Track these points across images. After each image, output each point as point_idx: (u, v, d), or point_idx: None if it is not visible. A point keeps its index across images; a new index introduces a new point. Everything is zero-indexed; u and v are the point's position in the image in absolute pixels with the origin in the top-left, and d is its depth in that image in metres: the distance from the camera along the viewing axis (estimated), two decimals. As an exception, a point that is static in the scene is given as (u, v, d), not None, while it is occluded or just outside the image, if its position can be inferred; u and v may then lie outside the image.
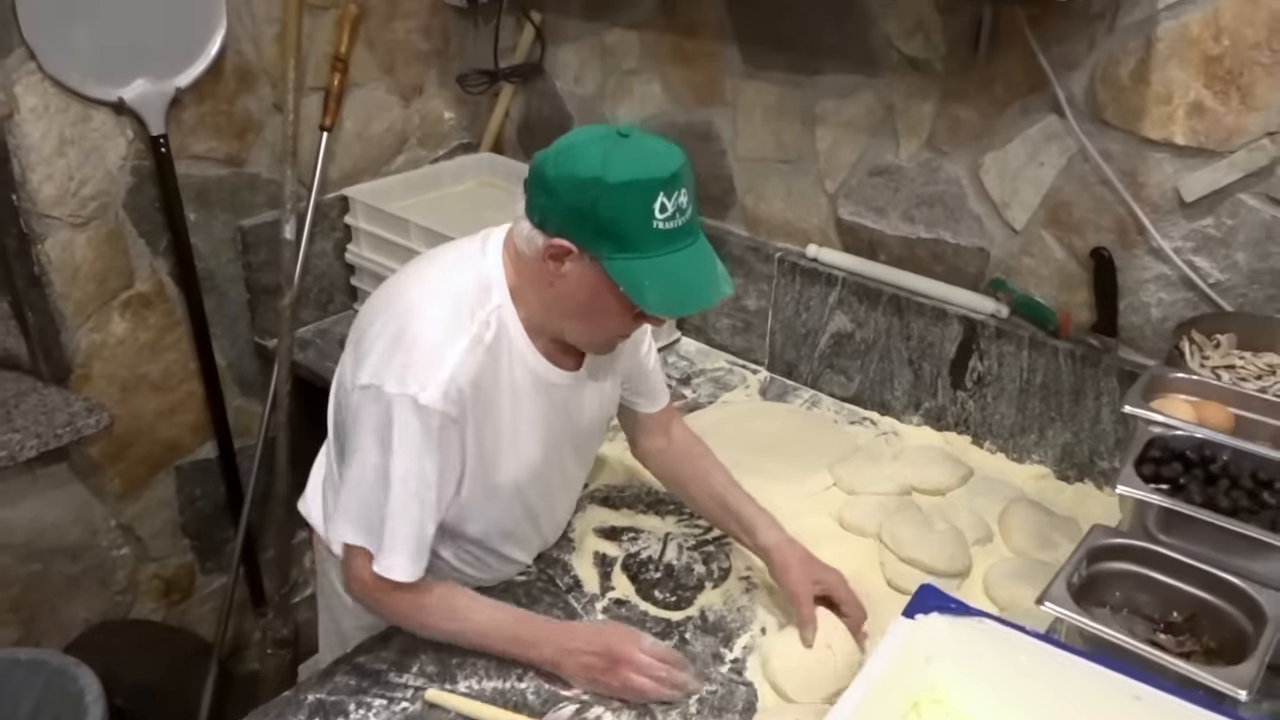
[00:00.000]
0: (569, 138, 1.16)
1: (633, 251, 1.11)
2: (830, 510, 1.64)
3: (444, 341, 1.17)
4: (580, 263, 1.14)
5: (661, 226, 1.11)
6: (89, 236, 1.80)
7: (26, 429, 1.67)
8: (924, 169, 1.77)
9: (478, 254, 1.26)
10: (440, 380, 1.15)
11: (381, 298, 1.27)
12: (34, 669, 1.78)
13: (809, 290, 1.94)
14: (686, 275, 1.15)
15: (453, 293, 1.21)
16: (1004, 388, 1.74)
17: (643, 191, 1.09)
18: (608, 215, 1.10)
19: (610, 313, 1.19)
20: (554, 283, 1.18)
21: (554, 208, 1.13)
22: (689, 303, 1.21)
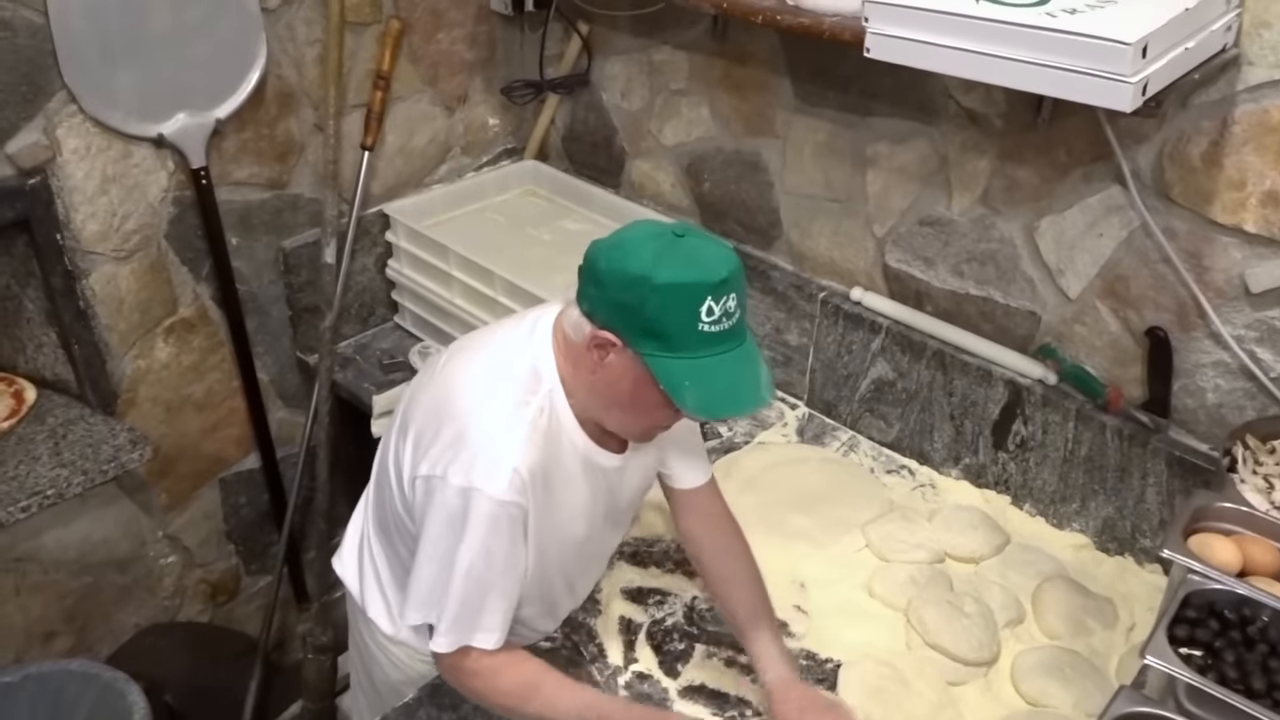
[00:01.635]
0: (625, 232, 1.18)
1: (676, 351, 1.12)
2: (860, 579, 1.62)
3: (504, 434, 1.19)
4: (623, 356, 1.15)
5: (707, 329, 1.11)
6: (132, 269, 1.81)
7: (73, 464, 1.71)
8: (976, 225, 1.70)
9: (525, 339, 1.26)
10: (504, 472, 1.17)
11: (432, 394, 1.27)
12: (86, 681, 1.86)
13: (851, 334, 1.89)
14: (728, 379, 1.15)
15: (506, 384, 1.23)
16: (1047, 455, 1.69)
17: (690, 294, 1.09)
18: (653, 314, 1.10)
19: (650, 406, 1.19)
20: (596, 371, 1.19)
21: (602, 300, 1.14)
22: (727, 407, 1.20)
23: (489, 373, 1.25)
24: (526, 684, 1.29)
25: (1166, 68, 1.18)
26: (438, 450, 1.20)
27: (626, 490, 1.40)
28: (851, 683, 1.43)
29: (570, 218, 2.25)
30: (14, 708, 1.81)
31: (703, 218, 2.14)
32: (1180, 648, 1.04)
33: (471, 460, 1.18)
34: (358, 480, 2.36)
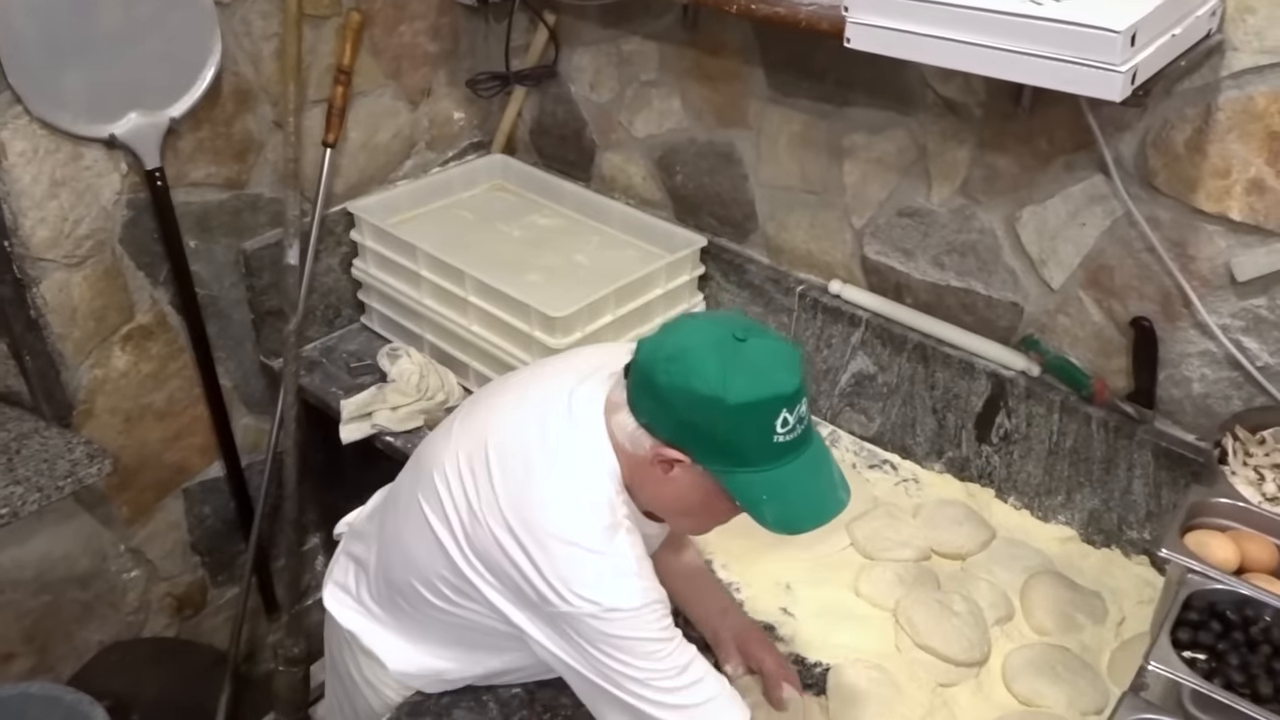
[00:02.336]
0: (680, 337, 1.08)
1: (750, 466, 1.07)
2: (847, 579, 1.59)
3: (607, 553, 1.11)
4: (692, 471, 1.10)
5: (781, 440, 1.06)
6: (85, 275, 1.73)
7: (29, 480, 1.64)
8: (956, 215, 1.67)
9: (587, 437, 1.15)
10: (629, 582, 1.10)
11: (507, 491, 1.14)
12: (49, 704, 1.79)
13: (830, 328, 1.86)
14: (805, 487, 1.10)
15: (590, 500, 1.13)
16: (1032, 447, 1.67)
17: (766, 411, 1.04)
18: (726, 435, 1.05)
19: (719, 514, 1.17)
20: (663, 483, 1.13)
21: (666, 417, 1.08)
22: (807, 518, 1.12)
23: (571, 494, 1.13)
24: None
25: (1154, 55, 1.16)
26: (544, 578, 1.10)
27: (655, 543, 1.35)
28: (841, 686, 1.41)
29: (540, 213, 2.20)
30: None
31: (676, 211, 2.10)
32: (1183, 651, 1.02)
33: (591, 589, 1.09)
34: (326, 486, 2.33)
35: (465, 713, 1.38)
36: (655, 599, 1.13)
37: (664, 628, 1.13)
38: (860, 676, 1.42)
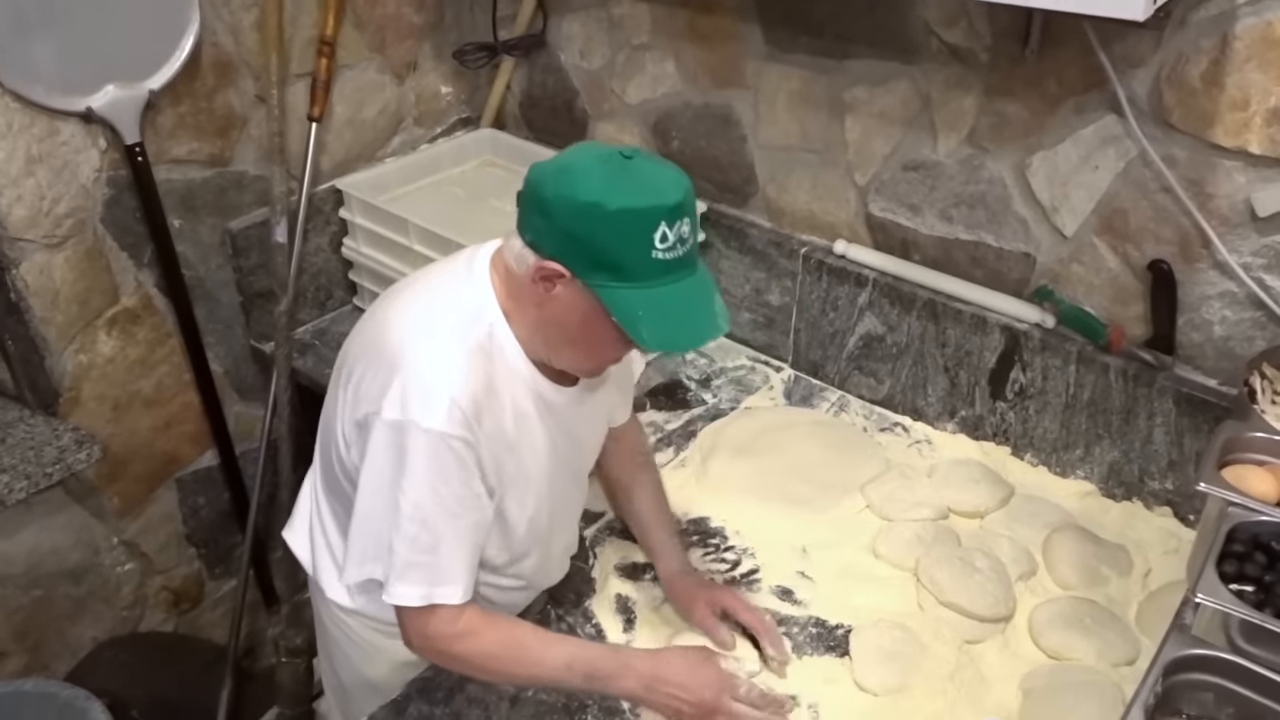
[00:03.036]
0: (569, 156, 1.11)
1: (629, 281, 1.06)
2: (865, 541, 1.55)
3: (441, 365, 1.12)
4: (572, 288, 1.08)
5: (661, 257, 1.05)
6: (67, 256, 1.68)
7: (15, 468, 1.58)
8: (964, 166, 1.63)
9: (463, 277, 1.19)
10: (442, 403, 1.09)
11: (367, 336, 1.20)
12: (43, 701, 1.73)
13: (836, 290, 1.82)
14: (683, 309, 1.09)
15: (443, 320, 1.16)
16: (1048, 401, 1.63)
17: (644, 220, 1.03)
18: (605, 244, 1.04)
19: (602, 340, 1.13)
20: (544, 304, 1.12)
21: (549, 230, 1.07)
22: (684, 339, 1.15)
23: (424, 309, 1.18)
24: (512, 642, 1.21)
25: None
26: (372, 388, 1.13)
27: (586, 433, 1.34)
28: (866, 647, 1.36)
29: None
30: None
31: (673, 178, 2.04)
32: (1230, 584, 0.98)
33: (406, 393, 1.10)
34: (324, 473, 2.27)
35: (478, 688, 1.33)
36: (461, 436, 1.10)
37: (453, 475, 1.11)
38: (884, 636, 1.37)
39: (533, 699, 1.31)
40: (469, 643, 1.19)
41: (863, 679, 1.33)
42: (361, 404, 1.14)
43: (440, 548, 1.14)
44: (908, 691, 1.31)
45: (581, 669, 1.21)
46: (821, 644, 1.39)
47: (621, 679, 1.21)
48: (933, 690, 1.30)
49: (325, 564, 1.33)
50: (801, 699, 1.31)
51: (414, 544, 1.13)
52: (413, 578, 1.14)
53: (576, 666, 1.21)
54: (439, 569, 1.15)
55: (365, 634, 1.35)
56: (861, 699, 1.32)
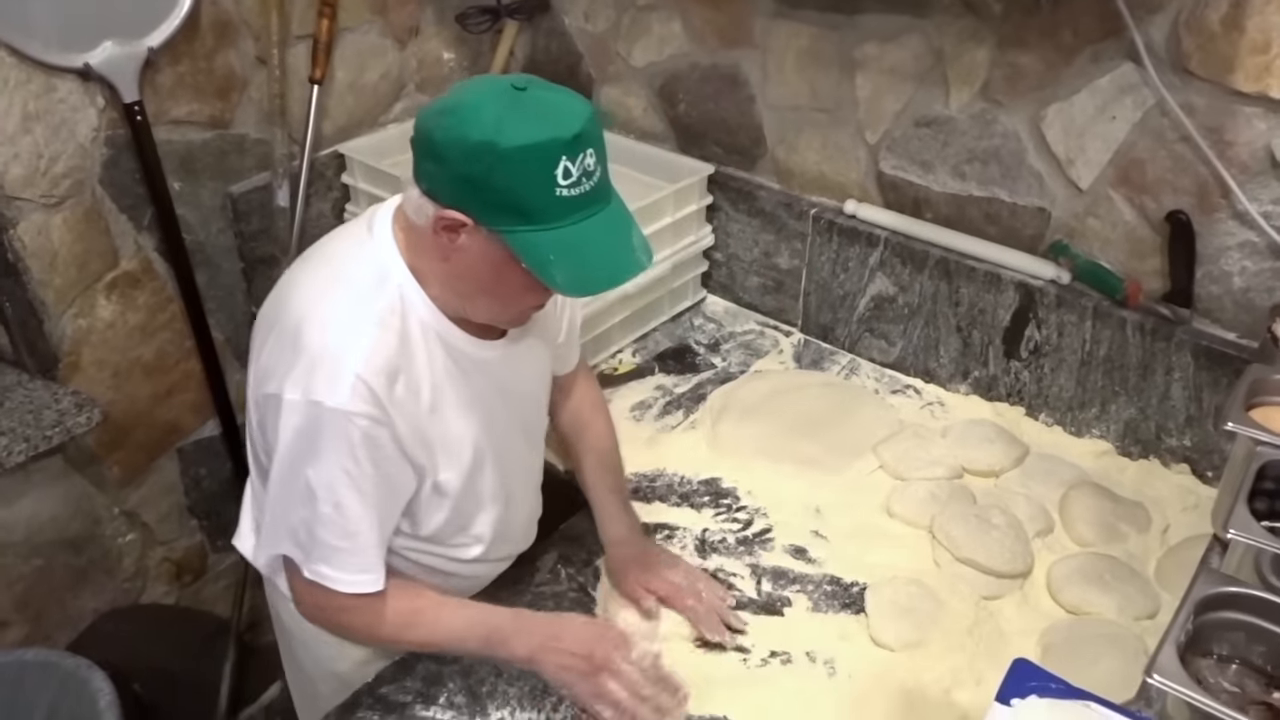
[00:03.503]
0: (458, 94, 1.02)
1: (535, 223, 0.99)
2: (878, 501, 1.53)
3: (344, 338, 1.06)
4: (477, 236, 1.02)
5: (566, 194, 0.98)
6: (65, 217, 1.65)
7: (13, 431, 1.56)
8: (977, 121, 1.60)
9: (364, 237, 1.13)
10: (346, 382, 1.04)
11: (271, 307, 1.14)
12: (44, 671, 1.71)
13: (847, 250, 1.79)
14: (597, 247, 1.03)
15: (345, 287, 1.09)
16: (1063, 359, 1.61)
17: (542, 156, 0.96)
18: (504, 185, 0.97)
19: (514, 289, 1.08)
20: (450, 256, 1.06)
21: (444, 176, 1.00)
22: (600, 279, 1.06)
23: (326, 277, 1.12)
24: (408, 610, 1.17)
25: (1199, -93, 1.09)
26: (276, 365, 1.07)
27: (523, 385, 1.29)
28: (881, 603, 1.34)
29: None
30: (-35, 705, 1.66)
31: (679, 142, 2.02)
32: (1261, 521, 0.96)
33: (309, 371, 1.04)
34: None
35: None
36: (368, 414, 1.05)
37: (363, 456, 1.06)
38: (900, 592, 1.35)
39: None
40: (366, 615, 1.15)
41: (879, 634, 1.31)
42: (266, 381, 1.09)
43: (359, 533, 1.10)
44: (925, 646, 1.29)
45: (480, 631, 1.17)
46: (836, 601, 1.37)
47: (518, 640, 1.16)
48: (951, 645, 1.28)
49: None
50: (817, 655, 1.29)
51: (331, 527, 1.09)
52: (336, 561, 1.11)
53: (475, 629, 1.18)
54: (358, 554, 1.11)
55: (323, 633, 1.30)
56: (878, 654, 1.29)
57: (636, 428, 1.69)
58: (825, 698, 1.23)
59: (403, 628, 1.17)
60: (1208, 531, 1.35)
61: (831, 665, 1.28)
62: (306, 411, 1.04)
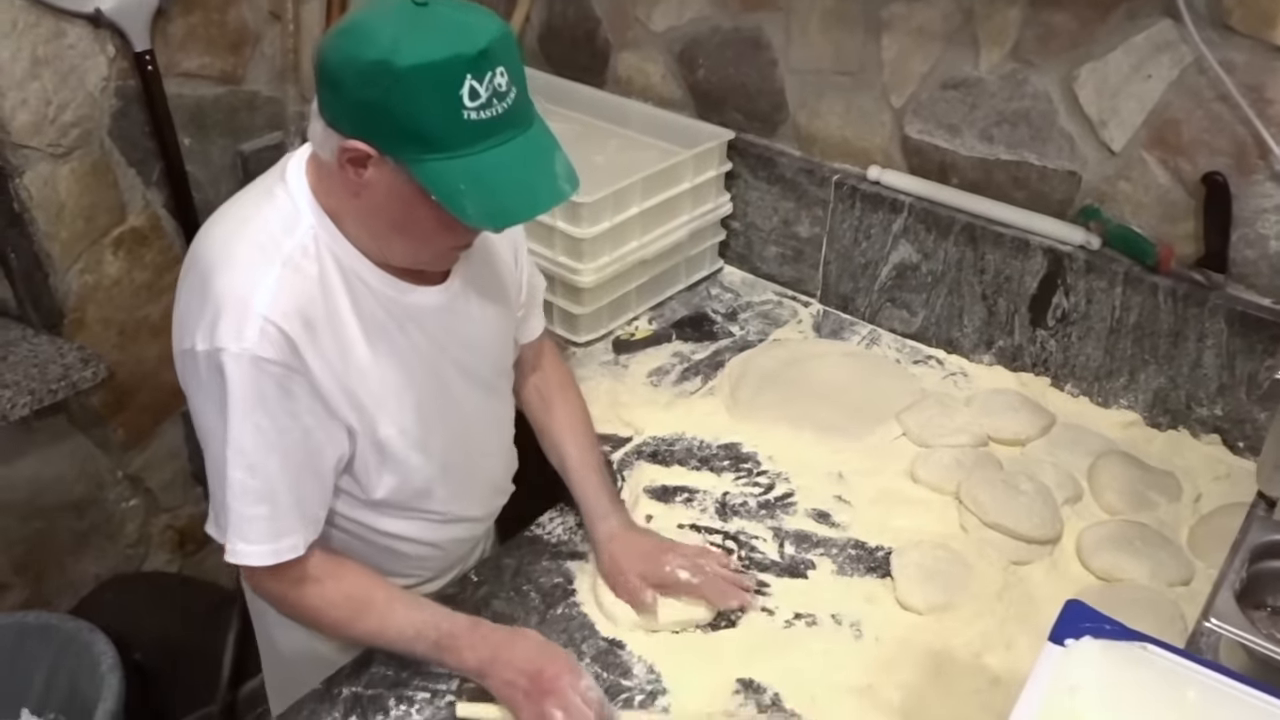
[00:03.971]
0: (356, 13, 0.95)
1: (442, 151, 0.92)
2: (902, 467, 1.49)
3: (248, 281, 0.98)
4: (383, 168, 0.95)
5: (474, 117, 0.91)
6: (72, 168, 1.61)
7: (18, 384, 1.52)
8: (1007, 82, 1.57)
9: (276, 181, 1.06)
10: (252, 324, 0.97)
11: (185, 263, 1.08)
12: (45, 633, 1.68)
13: (870, 217, 1.76)
14: (512, 175, 0.94)
15: (252, 229, 1.02)
16: (1091, 327, 1.57)
17: (443, 75, 0.89)
18: (404, 109, 0.90)
19: (429, 226, 1.00)
20: (359, 193, 0.99)
21: (343, 103, 0.94)
22: (516, 209, 0.97)
23: (234, 223, 1.05)
24: (357, 598, 1.12)
25: None
26: (185, 319, 1.01)
27: (474, 335, 1.20)
28: (908, 567, 1.31)
29: (553, 119, 2.00)
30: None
31: (699, 109, 1.99)
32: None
33: (214, 318, 0.97)
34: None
35: (503, 603, 1.27)
36: (279, 361, 0.99)
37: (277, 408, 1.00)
38: (927, 556, 1.32)
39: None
40: (311, 591, 1.10)
41: (905, 597, 1.27)
42: (180, 339, 1.03)
43: (276, 495, 1.03)
44: (954, 610, 1.25)
45: (432, 635, 1.11)
46: (861, 565, 1.34)
47: (470, 651, 1.11)
48: (980, 609, 1.25)
49: None
50: (843, 618, 1.26)
51: (245, 493, 1.02)
52: (252, 534, 1.04)
53: (427, 633, 1.12)
54: (278, 520, 1.04)
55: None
56: (905, 617, 1.26)
57: (654, 393, 1.65)
58: (853, 660, 1.20)
59: (352, 616, 1.12)
60: (1242, 500, 1.33)
61: (858, 628, 1.24)
62: (212, 362, 0.98)
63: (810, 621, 1.25)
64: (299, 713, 1.14)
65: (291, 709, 1.14)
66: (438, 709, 1.13)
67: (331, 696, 1.15)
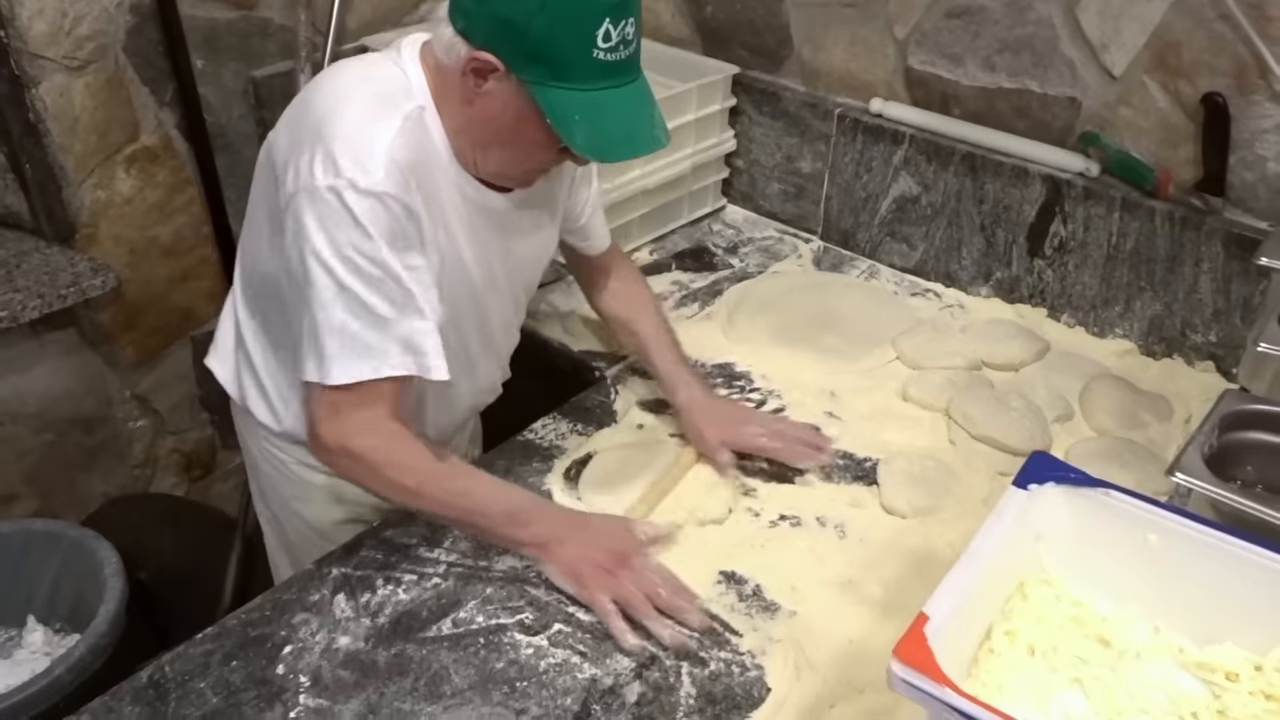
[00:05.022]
0: None
1: (565, 81, 0.99)
2: (894, 387, 1.50)
3: (371, 123, 1.02)
4: (505, 83, 1.02)
5: (602, 57, 0.99)
6: (87, 82, 1.64)
7: (28, 289, 1.56)
8: (1010, 8, 1.57)
9: (392, 59, 1.10)
10: (378, 159, 1.01)
11: (287, 121, 1.11)
12: (51, 540, 1.71)
13: (871, 150, 1.77)
14: (621, 116, 1.03)
15: (373, 86, 1.06)
16: (1089, 255, 1.58)
17: (587, 13, 0.96)
18: (543, 34, 0.97)
19: (532, 144, 1.07)
20: (473, 100, 1.05)
21: (482, 15, 0.99)
22: (620, 147, 1.07)
23: (350, 80, 1.08)
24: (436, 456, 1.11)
25: None
26: (297, 164, 1.03)
27: (519, 245, 1.24)
28: (894, 473, 1.32)
29: None
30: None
31: (705, 46, 2.00)
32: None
33: (335, 155, 1.00)
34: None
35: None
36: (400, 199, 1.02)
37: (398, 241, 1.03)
38: (914, 465, 1.33)
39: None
40: (389, 442, 1.09)
41: (890, 501, 1.29)
42: (285, 185, 1.04)
43: (380, 319, 1.04)
44: (938, 514, 1.26)
45: (507, 508, 1.13)
46: (849, 473, 1.35)
47: (541, 523, 1.13)
48: (964, 512, 1.26)
49: (251, 389, 1.27)
50: (827, 520, 1.27)
51: (351, 316, 1.03)
52: (355, 353, 1.04)
53: (502, 500, 1.14)
54: (385, 343, 1.05)
55: (296, 469, 1.29)
56: (890, 520, 1.27)
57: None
58: (836, 557, 1.21)
59: (426, 475, 1.10)
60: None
61: (842, 529, 1.26)
62: (337, 195, 1.00)
63: (795, 522, 1.27)
64: (289, 588, 1.16)
65: (282, 585, 1.17)
66: (424, 589, 1.15)
67: (321, 575, 1.17)
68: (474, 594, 1.15)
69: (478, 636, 1.10)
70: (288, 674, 1.05)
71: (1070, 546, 0.79)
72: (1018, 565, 0.79)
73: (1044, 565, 0.82)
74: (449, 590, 1.15)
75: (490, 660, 1.07)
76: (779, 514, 1.28)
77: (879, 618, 1.13)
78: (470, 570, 1.17)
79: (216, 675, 1.05)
